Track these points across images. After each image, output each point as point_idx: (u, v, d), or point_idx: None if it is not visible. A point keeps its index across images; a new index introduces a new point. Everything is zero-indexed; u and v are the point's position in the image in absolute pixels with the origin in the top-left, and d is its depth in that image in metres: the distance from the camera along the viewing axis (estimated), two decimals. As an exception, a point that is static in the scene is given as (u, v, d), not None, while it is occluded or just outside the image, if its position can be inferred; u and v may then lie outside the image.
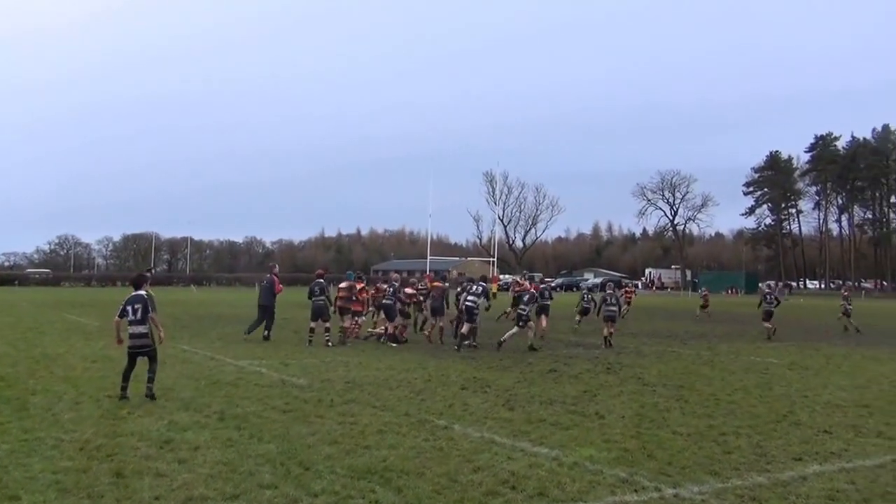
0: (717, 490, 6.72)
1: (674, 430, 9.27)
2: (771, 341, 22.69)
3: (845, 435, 9.20)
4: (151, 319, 10.47)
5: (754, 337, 24.16)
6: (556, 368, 14.96)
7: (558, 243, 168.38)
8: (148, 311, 10.44)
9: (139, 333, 10.45)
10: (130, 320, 10.46)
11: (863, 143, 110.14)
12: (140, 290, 10.76)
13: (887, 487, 6.90)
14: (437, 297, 20.19)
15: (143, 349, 10.50)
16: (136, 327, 10.45)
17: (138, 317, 10.43)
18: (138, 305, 10.45)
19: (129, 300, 10.59)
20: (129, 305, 10.50)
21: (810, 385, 13.40)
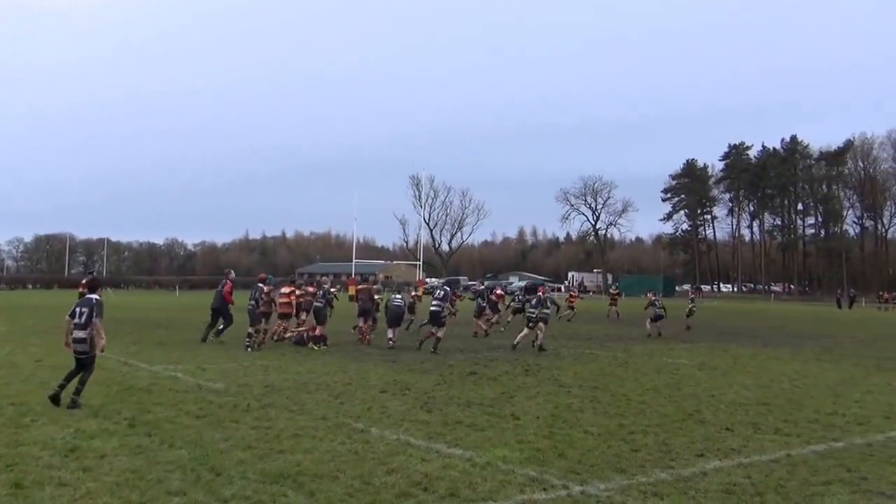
0: (622, 486, 6.93)
1: (585, 429, 9.51)
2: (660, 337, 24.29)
3: (745, 432, 9.59)
4: (94, 326, 10.19)
5: (668, 339, 24.86)
6: (476, 371, 15.11)
7: (484, 247, 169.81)
8: (92, 317, 10.18)
9: (79, 339, 10.20)
10: (76, 323, 10.25)
11: (772, 153, 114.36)
12: (94, 293, 10.60)
13: (780, 481, 7.24)
14: (365, 300, 20.38)
15: (80, 355, 10.23)
16: (77, 332, 10.22)
17: (82, 321, 10.20)
18: (85, 309, 10.22)
19: (80, 302, 10.45)
20: (78, 307, 10.33)
21: (717, 385, 13.89)
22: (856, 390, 13.67)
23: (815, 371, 16.57)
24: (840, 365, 17.94)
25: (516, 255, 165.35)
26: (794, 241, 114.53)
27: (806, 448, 8.75)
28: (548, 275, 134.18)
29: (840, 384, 14.46)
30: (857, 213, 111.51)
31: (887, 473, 7.65)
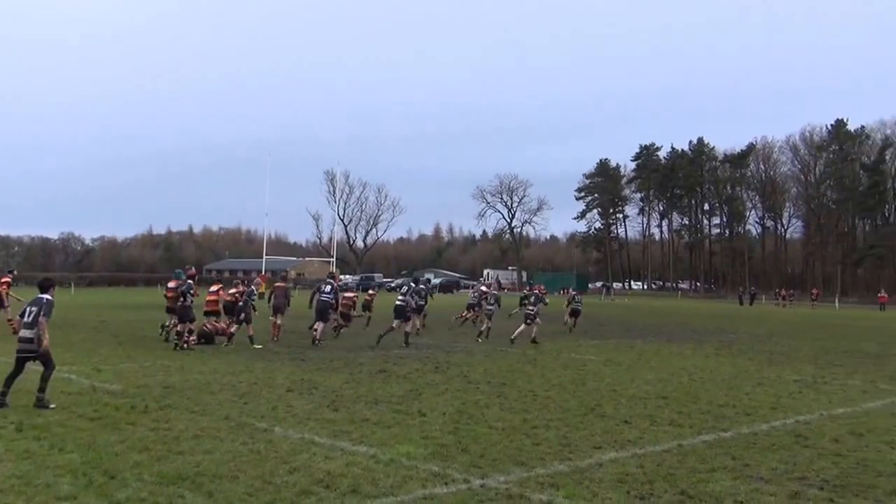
0: (521, 479, 7.10)
1: (490, 424, 9.68)
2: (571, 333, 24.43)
3: (642, 424, 9.94)
4: (39, 325, 10.10)
5: (577, 335, 25.41)
6: (386, 369, 15.16)
7: (400, 244, 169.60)
8: (38, 318, 10.11)
9: (25, 338, 10.15)
10: (24, 322, 10.25)
11: (681, 155, 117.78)
12: (46, 293, 10.48)
13: (670, 469, 7.54)
14: (279, 296, 20.41)
15: (28, 353, 10.17)
16: (24, 331, 10.21)
17: (29, 320, 10.17)
18: (34, 308, 10.19)
19: (31, 301, 10.40)
20: (28, 307, 10.34)
21: (620, 380, 14.30)
22: (748, 383, 14.28)
23: (713, 365, 17.21)
24: (736, 359, 18.67)
25: (432, 252, 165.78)
26: (701, 240, 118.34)
27: (697, 438, 9.12)
28: (464, 272, 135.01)
29: (734, 377, 15.07)
30: (759, 213, 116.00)
31: (767, 460, 8.05)
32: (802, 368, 16.96)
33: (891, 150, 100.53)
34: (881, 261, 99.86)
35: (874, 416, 11.00)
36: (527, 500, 6.46)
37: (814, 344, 24.11)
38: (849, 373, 16.39)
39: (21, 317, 10.44)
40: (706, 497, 6.65)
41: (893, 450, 8.76)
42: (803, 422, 10.42)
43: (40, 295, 10.46)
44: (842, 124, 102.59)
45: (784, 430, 9.82)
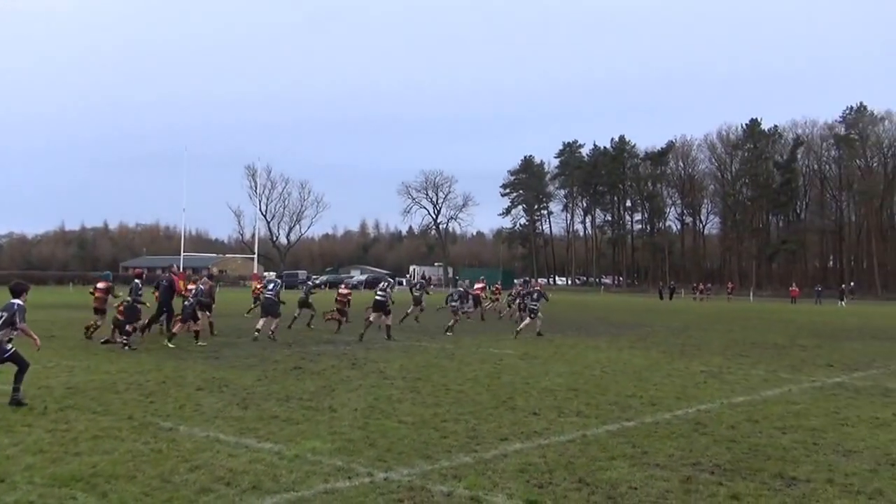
0: (424, 471, 7.17)
1: (400, 419, 9.73)
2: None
3: (550, 416, 10.13)
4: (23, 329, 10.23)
5: (499, 330, 25.69)
6: (302, 366, 15.07)
7: (325, 240, 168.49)
8: (7, 323, 10.10)
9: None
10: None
11: (603, 152, 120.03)
12: (17, 298, 10.41)
13: (571, 458, 7.73)
14: (206, 293, 20.43)
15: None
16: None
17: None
18: (4, 313, 10.16)
19: (3, 307, 10.30)
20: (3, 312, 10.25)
21: (534, 373, 14.53)
22: (657, 374, 14.68)
23: (626, 358, 17.63)
24: (649, 352, 19.14)
25: (358, 248, 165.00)
26: (623, 236, 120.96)
27: (601, 428, 9.35)
28: (390, 268, 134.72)
29: (645, 369, 15.47)
30: (679, 210, 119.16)
31: (665, 447, 8.31)
32: (710, 360, 17.51)
33: (802, 148, 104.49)
34: (793, 255, 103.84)
35: (771, 404, 11.44)
36: (428, 491, 6.53)
37: (725, 336, 24.92)
38: (753, 363, 16.99)
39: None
40: (602, 484, 6.84)
41: (784, 435, 9.13)
42: (704, 410, 10.78)
43: (12, 300, 10.36)
44: (756, 124, 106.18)
45: (685, 418, 10.14)
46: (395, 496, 6.37)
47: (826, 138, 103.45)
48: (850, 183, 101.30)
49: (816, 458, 8.00)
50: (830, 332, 27.72)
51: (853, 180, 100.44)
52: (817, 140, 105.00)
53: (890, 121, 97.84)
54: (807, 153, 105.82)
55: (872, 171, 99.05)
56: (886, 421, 10.23)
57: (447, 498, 6.36)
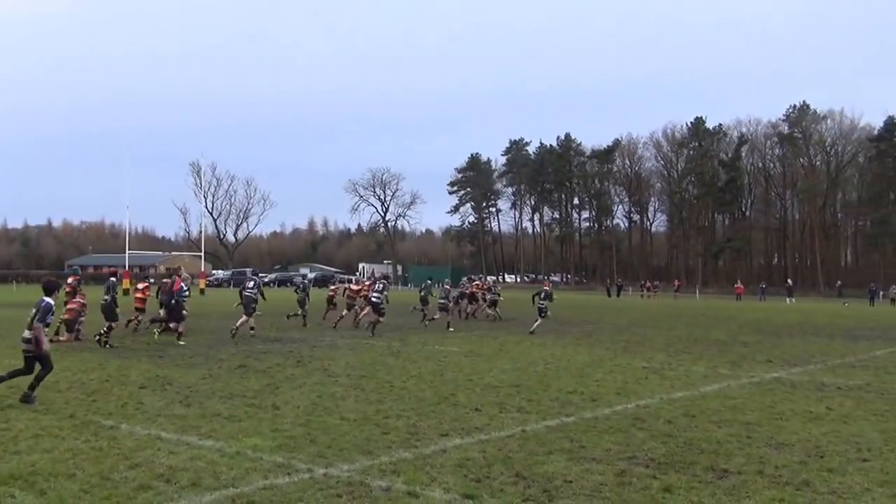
0: (364, 467, 7.26)
1: (343, 416, 9.79)
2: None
3: (491, 411, 10.29)
4: (36, 328, 10.37)
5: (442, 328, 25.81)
6: (247, 364, 15.02)
7: (273, 238, 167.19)
8: (33, 321, 10.38)
9: (25, 338, 10.46)
10: (27, 323, 10.53)
11: (549, 150, 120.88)
12: (49, 296, 10.68)
13: (509, 453, 7.89)
14: (166, 292, 20.70)
15: (27, 353, 10.45)
16: (25, 332, 10.50)
17: (29, 321, 10.50)
18: (34, 310, 10.49)
19: (35, 304, 10.60)
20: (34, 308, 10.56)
21: (478, 370, 14.69)
22: (600, 370, 14.95)
23: (570, 354, 17.90)
24: (593, 349, 19.45)
25: (307, 246, 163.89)
26: (571, 233, 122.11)
27: (541, 424, 9.53)
28: (339, 266, 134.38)
29: (588, 365, 15.75)
30: (626, 208, 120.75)
31: (603, 442, 8.52)
32: (653, 356, 17.87)
33: (746, 147, 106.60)
34: (738, 253, 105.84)
35: (709, 399, 11.76)
36: (367, 486, 6.62)
37: (669, 333, 25.40)
38: (695, 359, 17.38)
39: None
40: (539, 477, 7.00)
41: (720, 429, 9.42)
42: (643, 406, 11.03)
43: (44, 298, 10.64)
44: (701, 122, 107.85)
45: (624, 413, 10.38)
46: (335, 491, 6.45)
47: (770, 137, 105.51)
48: (794, 181, 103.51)
49: (749, 451, 8.28)
50: (772, 329, 28.41)
51: (797, 178, 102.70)
52: (761, 139, 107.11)
53: (833, 119, 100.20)
54: (751, 151, 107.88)
55: (815, 169, 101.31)
56: (819, 415, 10.59)
57: (385, 493, 6.45)
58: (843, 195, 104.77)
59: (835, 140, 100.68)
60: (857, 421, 10.11)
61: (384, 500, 6.26)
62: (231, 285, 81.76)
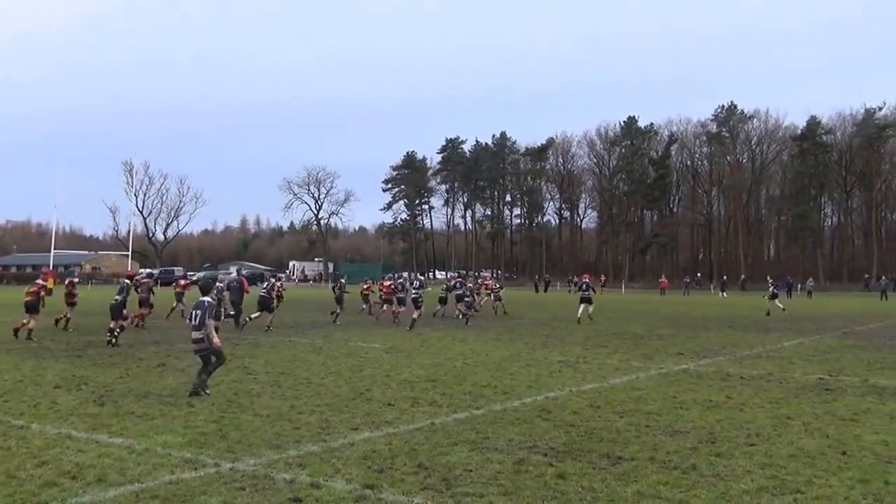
0: (271, 461, 7.44)
1: (256, 412, 9.94)
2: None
3: (404, 406, 10.56)
4: (207, 326, 10.98)
5: (371, 324, 26.01)
6: (166, 363, 15.01)
7: (204, 236, 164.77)
8: (206, 319, 10.98)
9: (196, 339, 11.06)
10: (192, 325, 11.10)
11: (484, 148, 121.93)
12: (206, 295, 11.31)
13: (414, 445, 8.16)
14: (143, 291, 23.42)
15: (199, 352, 11.15)
16: (194, 333, 11.09)
17: (196, 322, 11.01)
18: (199, 311, 11.03)
19: (194, 305, 11.23)
20: (193, 310, 11.17)
21: (397, 365, 14.93)
22: (516, 365, 15.35)
23: (490, 349, 18.27)
24: (514, 344, 19.86)
25: (238, 244, 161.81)
26: (502, 230, 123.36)
27: (451, 416, 9.83)
28: (270, 264, 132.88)
29: (505, 360, 16.13)
30: (557, 204, 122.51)
31: (507, 433, 8.86)
32: (570, 350, 18.37)
33: (676, 145, 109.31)
34: (664, 248, 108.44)
35: (617, 391, 12.23)
36: (271, 479, 6.81)
37: (588, 327, 26.02)
38: (610, 353, 17.93)
39: (189, 320, 11.25)
40: (440, 467, 7.29)
41: (621, 418, 9.86)
42: (552, 398, 11.43)
43: (202, 298, 11.25)
44: (633, 121, 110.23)
45: (533, 405, 10.75)
46: (238, 485, 6.62)
47: (699, 136, 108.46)
48: (720, 178, 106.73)
49: (645, 438, 8.71)
50: (689, 322, 29.33)
51: (723, 176, 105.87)
52: (691, 137, 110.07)
53: (759, 119, 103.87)
54: (680, 150, 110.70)
55: (741, 166, 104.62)
56: (718, 403, 11.14)
57: (289, 484, 6.66)
58: (767, 191, 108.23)
59: (760, 139, 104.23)
60: (753, 408, 10.68)
61: (286, 491, 6.46)
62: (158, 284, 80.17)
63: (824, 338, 22.54)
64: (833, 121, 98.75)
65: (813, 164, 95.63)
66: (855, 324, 28.85)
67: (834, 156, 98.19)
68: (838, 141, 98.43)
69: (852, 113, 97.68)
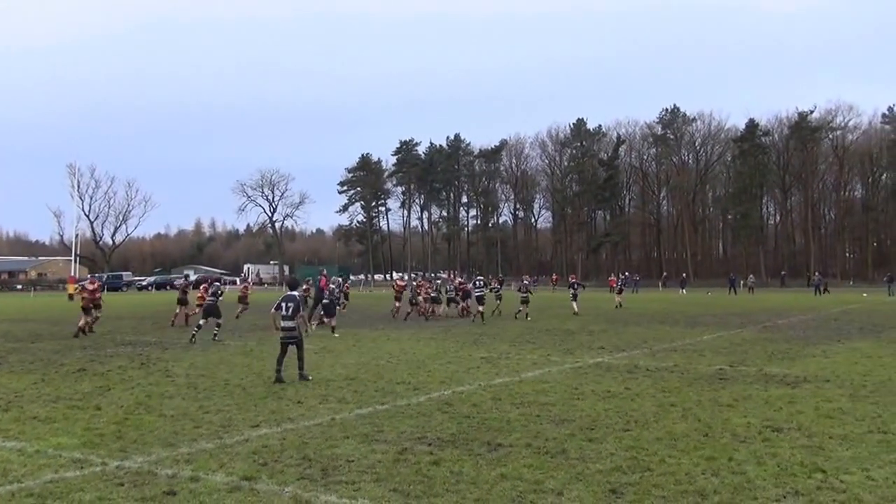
0: (160, 458, 7.67)
1: (162, 413, 10.14)
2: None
3: (311, 403, 10.84)
4: (301, 317, 13.48)
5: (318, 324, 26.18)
6: (87, 367, 15.06)
7: (157, 240, 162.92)
8: (298, 310, 13.24)
9: (289, 327, 13.08)
10: (283, 315, 13.09)
11: (438, 150, 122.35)
12: (294, 291, 13.75)
13: (307, 439, 8.44)
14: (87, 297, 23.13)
15: (291, 340, 13.07)
16: (287, 322, 13.09)
17: (289, 313, 13.07)
18: (291, 304, 13.16)
19: (284, 298, 13.36)
20: (283, 302, 13.23)
21: (321, 365, 15.14)
22: (439, 362, 15.67)
23: (419, 348, 18.57)
24: (445, 342, 20.16)
25: (192, 247, 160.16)
26: (458, 231, 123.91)
27: (353, 412, 10.13)
28: (226, 267, 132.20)
29: (429, 358, 16.43)
30: (512, 205, 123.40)
31: (402, 425, 9.18)
32: (497, 347, 18.75)
33: (624, 146, 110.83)
34: (616, 247, 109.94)
35: (524, 384, 12.61)
36: (153, 475, 7.05)
37: (523, 324, 26.51)
38: (535, 349, 18.36)
39: (277, 309, 13.34)
40: (324, 459, 7.59)
41: (516, 409, 10.25)
42: (459, 392, 11.79)
43: (292, 292, 13.59)
44: (582, 123, 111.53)
45: (438, 400, 11.10)
46: (118, 481, 6.86)
47: (646, 137, 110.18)
48: (667, 178, 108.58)
49: (531, 427, 9.10)
50: (624, 318, 29.93)
51: (670, 176, 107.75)
52: (638, 139, 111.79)
53: (702, 121, 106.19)
54: (629, 151, 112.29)
55: (686, 167, 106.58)
56: (614, 393, 11.61)
57: (169, 479, 6.90)
58: (714, 191, 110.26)
59: (704, 140, 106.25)
60: (644, 398, 11.16)
61: (164, 485, 6.71)
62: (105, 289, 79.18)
63: (744, 331, 23.26)
64: (770, 123, 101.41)
65: (753, 165, 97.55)
66: (779, 318, 29.73)
67: (772, 156, 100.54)
68: (776, 142, 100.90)
69: (788, 116, 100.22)
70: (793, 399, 10.95)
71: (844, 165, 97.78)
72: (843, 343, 19.19)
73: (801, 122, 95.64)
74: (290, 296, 13.38)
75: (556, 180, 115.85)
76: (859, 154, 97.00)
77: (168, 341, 20.61)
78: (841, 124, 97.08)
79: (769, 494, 6.35)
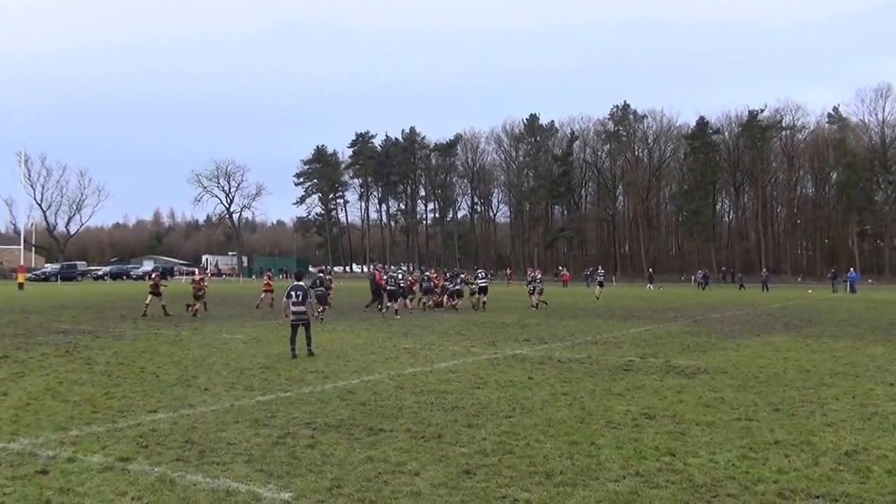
0: (47, 441, 7.94)
1: (66, 399, 10.38)
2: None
3: (217, 390, 11.13)
4: (309, 304, 16.00)
5: (255, 317, 26.37)
6: (10, 354, 15.21)
7: (115, 230, 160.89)
8: (306, 297, 15.78)
9: (299, 311, 15.44)
10: (294, 301, 15.39)
11: (394, 143, 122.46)
12: (300, 281, 16.11)
13: (198, 424, 8.75)
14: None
15: (301, 321, 15.44)
16: (297, 307, 15.41)
17: (299, 299, 15.42)
18: (300, 292, 15.54)
19: (292, 287, 15.70)
20: (292, 291, 15.55)
21: (243, 355, 15.43)
22: (362, 353, 15.97)
23: (350, 339, 18.88)
24: (377, 334, 20.42)
25: (151, 237, 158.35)
26: (416, 224, 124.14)
27: (254, 399, 10.44)
28: (186, 258, 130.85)
29: (355, 348, 16.78)
30: (470, 200, 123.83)
31: (294, 412, 9.51)
32: (426, 338, 19.13)
33: (578, 142, 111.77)
34: (571, 242, 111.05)
35: (433, 374, 12.97)
36: (34, 455, 7.33)
37: (461, 317, 26.90)
38: (461, 340, 18.76)
39: (287, 297, 15.58)
40: (207, 442, 7.90)
41: (414, 397, 10.61)
42: (366, 381, 12.13)
43: (299, 282, 15.98)
44: (535, 118, 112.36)
45: (343, 388, 11.42)
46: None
47: (599, 133, 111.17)
48: (621, 174, 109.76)
49: (420, 414, 9.46)
50: (563, 312, 30.43)
51: (624, 172, 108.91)
52: (592, 135, 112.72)
53: (653, 118, 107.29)
54: (583, 147, 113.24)
55: (639, 163, 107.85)
56: (515, 382, 12.05)
57: (48, 460, 7.17)
58: (669, 188, 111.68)
59: (657, 137, 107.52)
60: (543, 387, 11.60)
61: (40, 465, 6.99)
62: (59, 279, 78.35)
63: (673, 325, 23.94)
64: (721, 121, 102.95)
65: (704, 162, 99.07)
66: (713, 312, 30.56)
67: (724, 154, 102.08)
68: (726, 140, 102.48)
69: (738, 114, 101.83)
70: (682, 389, 11.47)
71: (794, 164, 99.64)
72: (761, 337, 19.87)
73: (752, 121, 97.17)
74: (297, 285, 15.73)
75: (513, 175, 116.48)
76: (808, 153, 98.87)
77: (103, 330, 20.68)
78: (790, 124, 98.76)
79: (611, 475, 6.78)
